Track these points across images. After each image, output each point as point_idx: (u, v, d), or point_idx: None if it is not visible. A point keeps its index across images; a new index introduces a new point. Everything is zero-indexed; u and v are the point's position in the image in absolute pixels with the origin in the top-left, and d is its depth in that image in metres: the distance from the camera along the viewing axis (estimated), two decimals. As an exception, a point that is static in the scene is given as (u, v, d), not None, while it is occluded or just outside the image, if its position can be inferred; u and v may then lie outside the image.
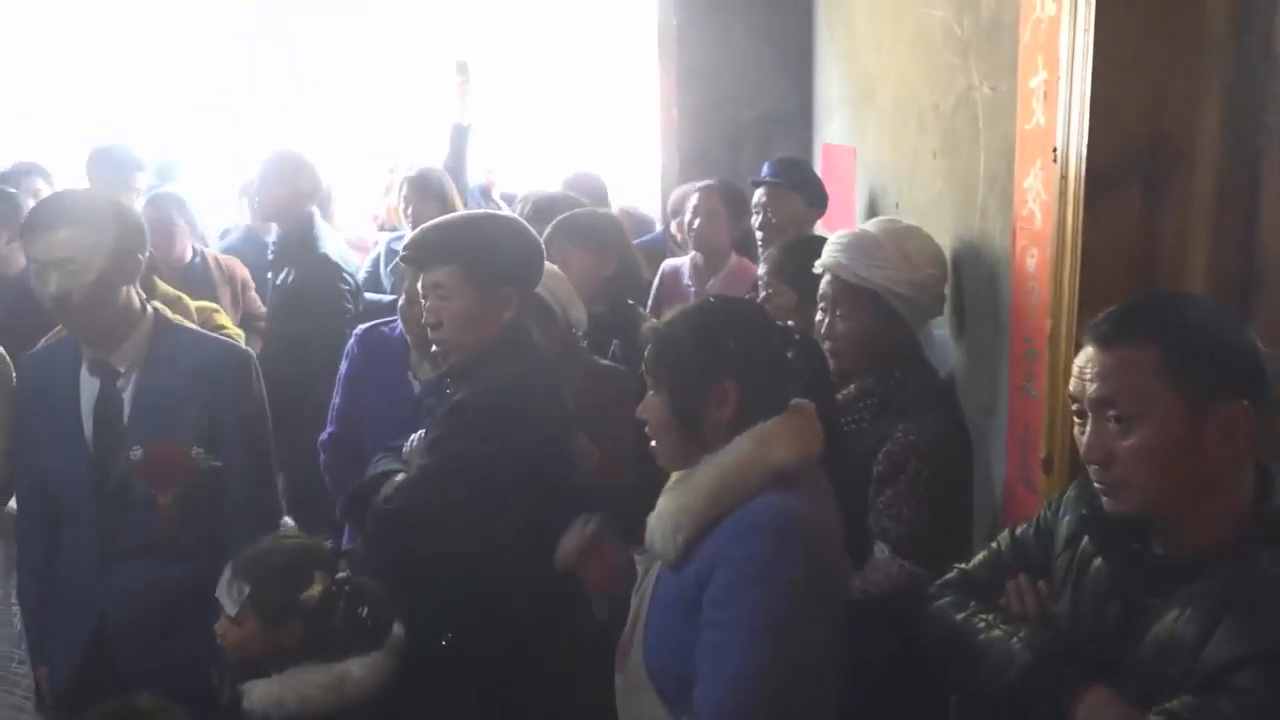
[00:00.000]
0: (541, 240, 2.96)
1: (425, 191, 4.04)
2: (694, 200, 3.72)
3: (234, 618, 1.97)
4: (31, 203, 3.90)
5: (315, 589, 1.92)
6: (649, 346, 1.72)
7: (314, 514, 3.15)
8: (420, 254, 2.25)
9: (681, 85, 4.83)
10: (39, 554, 2.39)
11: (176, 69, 7.47)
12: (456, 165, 4.43)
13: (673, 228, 4.23)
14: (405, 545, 2.11)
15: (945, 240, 2.39)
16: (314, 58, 7.57)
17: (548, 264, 2.59)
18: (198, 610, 2.30)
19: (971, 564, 1.68)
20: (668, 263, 3.94)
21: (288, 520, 2.82)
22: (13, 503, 2.48)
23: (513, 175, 6.10)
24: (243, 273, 4.35)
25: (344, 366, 2.94)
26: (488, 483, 2.06)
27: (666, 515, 1.64)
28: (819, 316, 2.27)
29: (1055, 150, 1.83)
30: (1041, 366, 1.93)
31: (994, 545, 1.68)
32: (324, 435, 2.97)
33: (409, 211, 4.04)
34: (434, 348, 2.26)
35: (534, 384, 2.19)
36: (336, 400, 2.94)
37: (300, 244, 3.79)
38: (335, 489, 2.91)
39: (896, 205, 2.99)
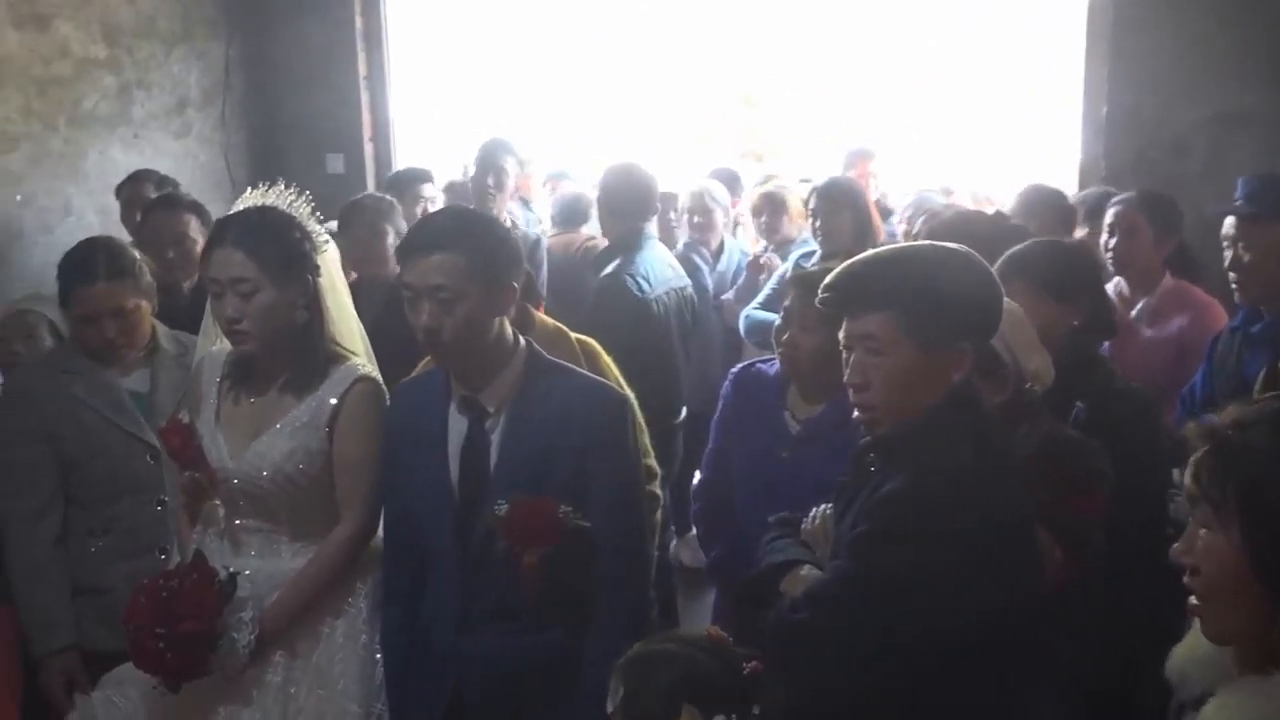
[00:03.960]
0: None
1: (836, 202, 3.93)
2: (1109, 216, 3.29)
3: (610, 715, 1.72)
4: (418, 210, 3.96)
5: None
6: (1207, 456, 1.20)
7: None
8: (844, 296, 1.79)
9: (1115, 76, 4.15)
10: (404, 603, 2.20)
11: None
12: None
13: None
14: (818, 667, 1.71)
15: None
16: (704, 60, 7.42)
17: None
18: (554, 689, 2.08)
19: None
20: None
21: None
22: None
23: (894, 180, 5.55)
24: None
25: (719, 408, 2.68)
26: (930, 597, 1.62)
27: None
28: None
29: None
30: None
31: None
32: (696, 483, 2.76)
33: (818, 225, 3.98)
34: (855, 413, 1.80)
35: (992, 468, 1.71)
36: (711, 444, 2.70)
37: (611, 258, 3.73)
38: (704, 542, 2.74)
39: None
